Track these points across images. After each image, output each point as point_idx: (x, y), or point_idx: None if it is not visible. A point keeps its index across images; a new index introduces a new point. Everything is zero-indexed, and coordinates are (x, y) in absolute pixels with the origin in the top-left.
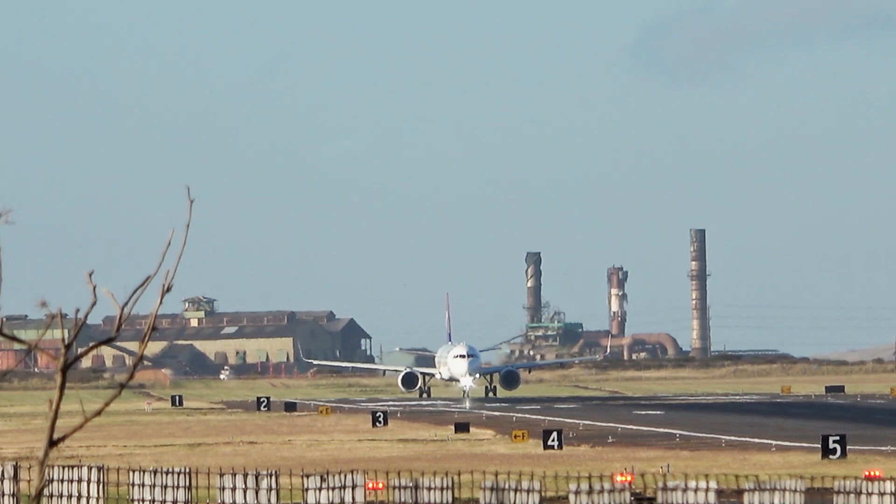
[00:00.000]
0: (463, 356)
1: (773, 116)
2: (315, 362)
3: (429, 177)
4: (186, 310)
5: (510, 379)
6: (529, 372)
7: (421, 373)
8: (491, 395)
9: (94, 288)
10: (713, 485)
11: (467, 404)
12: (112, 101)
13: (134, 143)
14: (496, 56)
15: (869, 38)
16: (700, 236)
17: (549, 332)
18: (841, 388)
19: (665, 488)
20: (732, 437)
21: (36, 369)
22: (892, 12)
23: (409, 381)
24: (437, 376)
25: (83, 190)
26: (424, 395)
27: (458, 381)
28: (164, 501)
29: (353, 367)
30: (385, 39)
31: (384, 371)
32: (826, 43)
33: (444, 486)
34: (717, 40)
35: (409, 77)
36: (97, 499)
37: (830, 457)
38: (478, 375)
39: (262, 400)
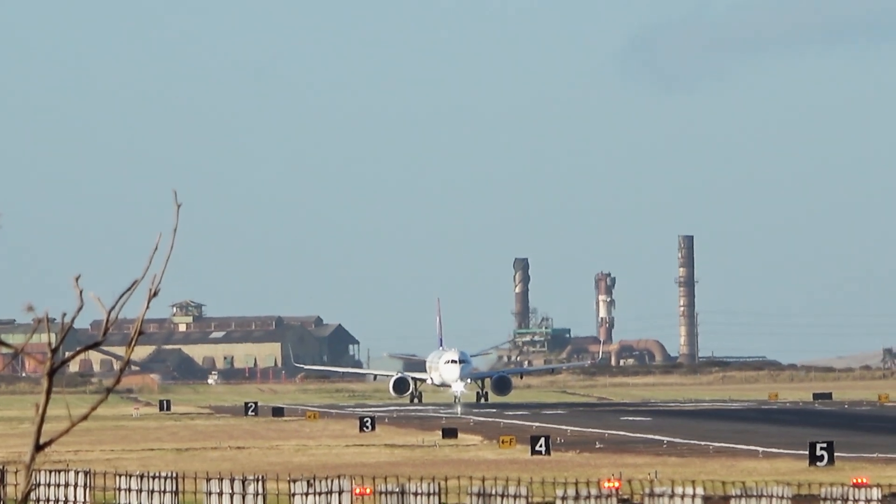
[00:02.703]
0: (455, 361)
1: (761, 123)
2: (306, 367)
3: (416, 182)
4: (174, 314)
5: (502, 385)
6: (521, 378)
7: (412, 378)
8: (483, 400)
9: (81, 292)
10: (700, 491)
11: (459, 410)
12: (99, 105)
13: (122, 148)
14: (486, 63)
15: (859, 45)
16: (688, 242)
17: (537, 338)
18: (828, 395)
19: (652, 494)
20: (720, 444)
21: (23, 373)
22: (881, 18)
23: (401, 386)
24: (429, 381)
25: (70, 194)
26: (416, 401)
27: (449, 386)
28: None
29: (344, 371)
30: (376, 48)
31: (375, 376)
32: (816, 50)
33: (431, 491)
34: (706, 47)
35: (399, 84)
36: (84, 503)
37: (818, 464)
38: (469, 381)
39: (249, 405)
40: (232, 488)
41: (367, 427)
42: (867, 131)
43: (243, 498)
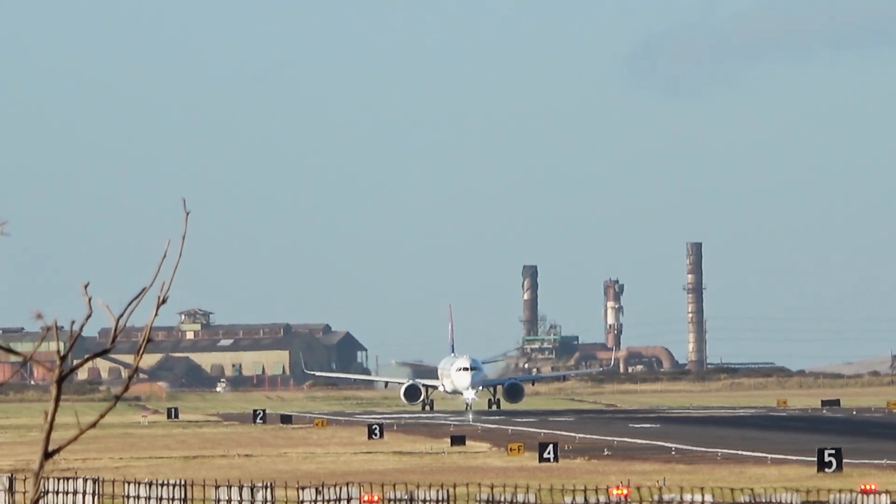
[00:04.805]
0: (466, 369)
1: (769, 129)
2: (317, 374)
3: (425, 190)
4: (182, 322)
5: (514, 392)
6: (533, 384)
7: (423, 385)
8: (495, 407)
9: (90, 300)
10: (708, 498)
11: (470, 417)
12: (107, 110)
13: (130, 155)
14: (492, 69)
15: (865, 49)
16: (696, 249)
17: (546, 345)
18: (837, 402)
19: (660, 501)
20: (728, 451)
21: (32, 381)
22: (887, 22)
23: (412, 393)
24: (440, 388)
25: (79, 201)
26: (427, 408)
27: (461, 393)
28: None
29: (355, 378)
30: (385, 55)
31: (386, 383)
32: (822, 54)
33: (440, 498)
34: (713, 53)
35: (406, 91)
36: None
37: (826, 470)
38: (481, 388)
39: (257, 412)
40: (240, 496)
41: (376, 434)
42: (874, 136)
43: None
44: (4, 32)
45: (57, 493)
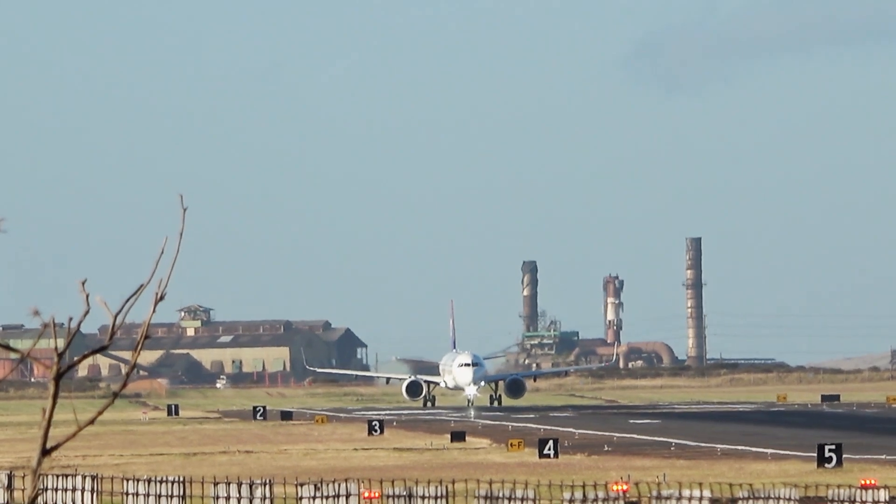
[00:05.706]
0: (468, 365)
1: (768, 125)
2: (319, 370)
3: (424, 186)
4: (183, 319)
5: (515, 388)
6: (535, 380)
7: (425, 381)
8: (496, 403)
9: (88, 297)
10: (707, 493)
11: (472, 413)
12: (105, 107)
13: (128, 152)
14: (492, 66)
15: (865, 46)
16: (696, 245)
17: (545, 341)
18: (837, 397)
19: (659, 497)
20: (728, 446)
21: (32, 379)
22: (888, 21)
23: (414, 389)
24: (442, 384)
25: (76, 198)
26: (429, 404)
27: (462, 389)
28: None
29: (357, 375)
30: (385, 54)
31: (388, 379)
32: (822, 52)
33: (439, 494)
34: (712, 51)
35: (406, 89)
36: None
37: (826, 465)
38: (482, 384)
39: (258, 409)
40: (239, 492)
41: (376, 430)
42: (874, 133)
43: (251, 502)
44: (4, 32)
45: (56, 489)
